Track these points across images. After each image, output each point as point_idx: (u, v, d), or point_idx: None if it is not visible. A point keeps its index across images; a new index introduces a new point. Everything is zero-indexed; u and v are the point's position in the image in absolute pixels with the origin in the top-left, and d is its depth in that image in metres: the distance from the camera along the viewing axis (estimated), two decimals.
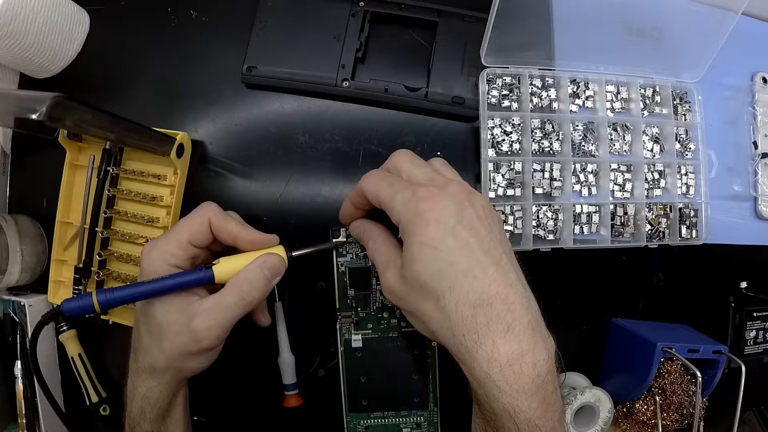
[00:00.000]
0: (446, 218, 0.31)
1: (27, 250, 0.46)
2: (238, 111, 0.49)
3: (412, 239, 0.32)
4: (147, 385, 0.36)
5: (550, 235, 0.48)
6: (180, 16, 0.50)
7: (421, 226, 0.31)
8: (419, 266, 0.32)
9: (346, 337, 0.45)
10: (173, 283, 0.35)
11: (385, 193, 0.34)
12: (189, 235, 0.37)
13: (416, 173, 0.35)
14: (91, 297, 0.34)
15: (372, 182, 0.36)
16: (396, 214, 0.33)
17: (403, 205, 0.33)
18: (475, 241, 0.31)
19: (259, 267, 0.36)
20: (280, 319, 0.46)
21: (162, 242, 0.37)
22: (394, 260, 0.35)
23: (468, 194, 0.33)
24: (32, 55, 0.45)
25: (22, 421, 0.46)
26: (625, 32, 0.49)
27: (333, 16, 0.48)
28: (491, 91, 0.48)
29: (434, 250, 0.31)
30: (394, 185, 0.34)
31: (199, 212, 0.38)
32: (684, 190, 0.50)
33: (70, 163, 0.46)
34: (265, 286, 0.37)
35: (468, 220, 0.32)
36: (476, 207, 0.33)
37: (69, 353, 0.47)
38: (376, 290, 0.44)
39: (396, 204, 0.33)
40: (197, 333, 0.35)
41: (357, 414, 0.45)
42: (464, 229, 0.31)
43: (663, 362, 0.46)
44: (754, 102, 0.54)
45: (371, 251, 0.38)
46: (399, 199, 0.33)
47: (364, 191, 0.36)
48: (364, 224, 0.40)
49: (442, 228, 0.31)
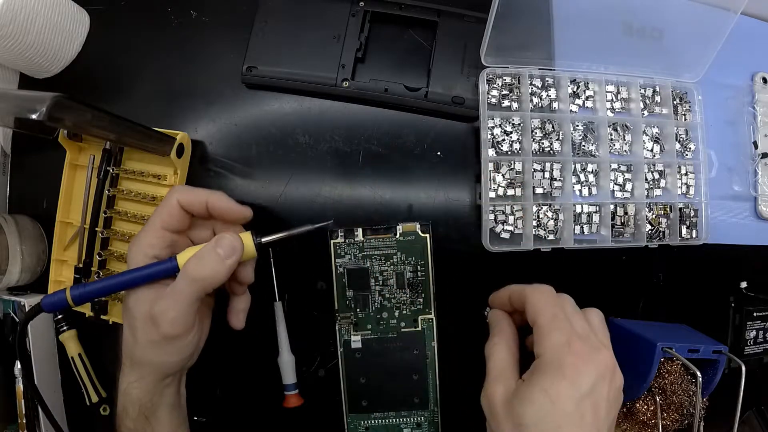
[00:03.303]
0: (581, 384, 0.32)
1: (27, 250, 0.46)
2: (238, 111, 0.49)
3: (540, 382, 0.32)
4: (128, 380, 0.36)
5: (551, 235, 0.48)
6: (180, 16, 0.50)
7: (556, 377, 0.32)
8: (530, 408, 0.32)
9: (345, 338, 0.45)
10: (139, 275, 0.35)
11: (545, 320, 0.35)
12: (162, 222, 0.37)
13: (576, 320, 0.36)
14: (65, 292, 0.35)
15: (541, 301, 0.36)
16: (542, 346, 0.34)
17: (554, 346, 0.33)
18: (590, 418, 0.32)
19: (211, 246, 0.36)
20: (280, 319, 0.46)
21: (140, 235, 0.37)
22: (508, 378, 0.35)
23: (612, 371, 0.34)
24: (32, 55, 0.45)
25: (22, 421, 0.46)
26: (625, 32, 0.49)
27: (333, 16, 0.48)
28: (491, 91, 0.48)
29: (552, 405, 0.31)
30: (557, 320, 0.35)
31: (166, 197, 0.38)
32: (684, 190, 0.50)
33: (70, 163, 0.46)
34: (218, 264, 0.35)
35: (598, 395, 0.33)
36: (611, 387, 0.34)
37: (69, 353, 0.47)
38: (375, 291, 0.44)
39: (549, 338, 0.34)
40: (155, 318, 0.35)
41: (357, 415, 0.45)
42: (590, 402, 0.32)
43: (663, 362, 0.46)
44: (754, 102, 0.54)
45: (490, 345, 0.38)
46: (554, 337, 0.34)
47: (527, 301, 0.37)
48: (501, 319, 0.40)
49: (573, 391, 0.32)
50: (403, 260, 0.45)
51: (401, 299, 0.45)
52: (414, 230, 0.45)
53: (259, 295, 0.42)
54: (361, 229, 0.45)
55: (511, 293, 0.40)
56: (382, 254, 0.45)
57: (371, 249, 0.45)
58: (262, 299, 0.43)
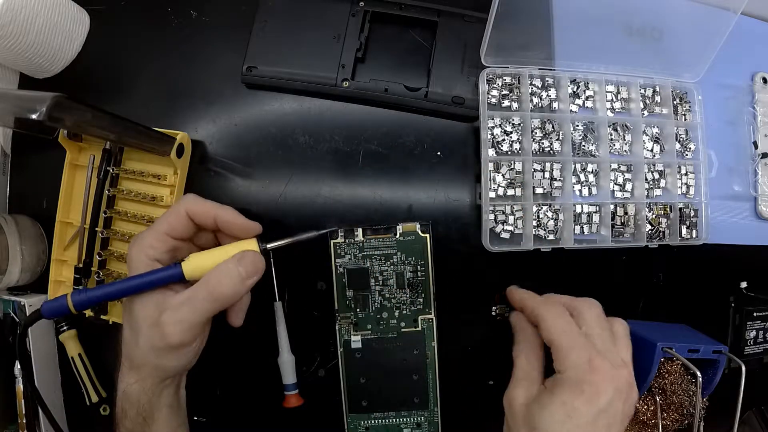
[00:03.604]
0: (599, 401, 0.33)
1: (27, 250, 0.46)
2: (238, 111, 0.49)
3: (560, 394, 0.34)
4: (126, 381, 0.36)
5: (551, 235, 0.48)
6: (180, 16, 0.50)
7: (575, 392, 0.34)
8: (547, 417, 0.34)
9: (345, 338, 0.45)
10: (142, 282, 0.35)
11: (560, 339, 0.36)
12: (168, 227, 0.37)
13: (597, 333, 0.37)
14: (66, 298, 0.35)
15: (552, 318, 0.37)
16: (562, 363, 0.35)
17: (575, 364, 0.35)
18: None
19: (234, 264, 0.36)
20: (280, 319, 0.46)
21: (143, 236, 0.37)
22: (531, 383, 0.37)
23: (629, 388, 0.35)
24: (32, 55, 0.45)
25: (22, 421, 0.46)
26: (625, 32, 0.49)
27: (333, 16, 0.48)
28: (491, 91, 0.48)
29: (568, 417, 0.33)
30: (573, 337, 0.36)
31: (176, 204, 0.38)
32: (684, 190, 0.50)
33: (70, 163, 0.46)
34: (239, 284, 0.36)
35: (613, 412, 0.34)
36: (627, 404, 0.35)
37: (69, 353, 0.47)
38: (375, 291, 0.44)
39: (568, 359, 0.35)
40: (164, 327, 0.34)
41: (357, 415, 0.45)
42: (604, 418, 0.33)
43: (663, 362, 0.46)
44: (754, 102, 0.54)
45: (517, 349, 0.40)
46: (575, 356, 0.35)
47: (538, 319, 0.38)
48: (524, 325, 0.41)
49: (590, 407, 0.33)
50: (403, 260, 0.45)
51: (401, 299, 0.45)
52: (414, 230, 0.45)
53: (258, 295, 0.42)
54: (361, 229, 0.45)
55: (524, 307, 0.41)
56: (382, 254, 0.45)
57: (371, 249, 0.45)
58: (261, 299, 0.43)
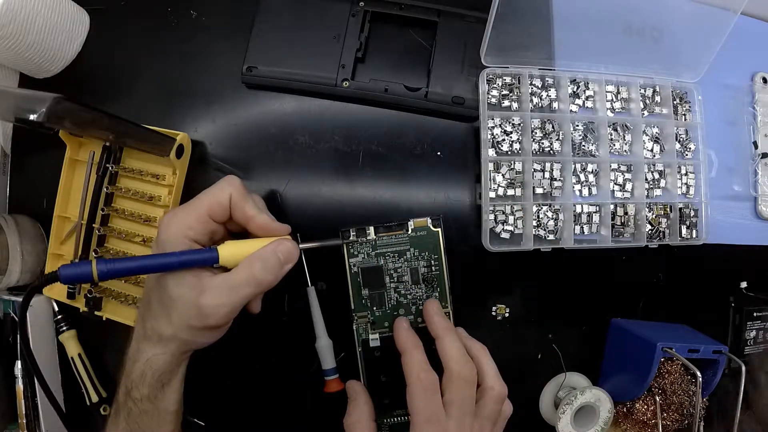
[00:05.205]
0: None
1: (27, 250, 0.46)
2: (238, 111, 0.49)
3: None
4: (152, 351, 0.36)
5: (551, 235, 0.48)
6: (180, 17, 0.50)
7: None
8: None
9: (363, 337, 0.44)
10: (177, 261, 0.34)
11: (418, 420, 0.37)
12: (209, 208, 0.36)
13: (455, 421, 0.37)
14: (91, 265, 0.33)
15: (408, 356, 0.38)
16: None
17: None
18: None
19: (272, 250, 0.36)
20: (314, 304, 0.45)
21: (182, 214, 0.36)
22: None
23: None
24: (32, 55, 0.45)
25: (22, 421, 0.46)
26: (625, 32, 0.49)
27: (333, 16, 0.48)
28: (491, 91, 0.48)
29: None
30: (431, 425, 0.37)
31: (221, 185, 0.37)
32: (684, 190, 0.50)
33: (70, 158, 0.46)
34: (278, 269, 0.37)
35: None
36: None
37: (69, 353, 0.47)
38: (390, 288, 0.44)
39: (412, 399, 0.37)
40: (204, 309, 0.34)
41: (380, 413, 0.45)
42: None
43: (663, 362, 0.46)
44: (754, 102, 0.54)
45: (350, 421, 0.40)
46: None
47: (397, 343, 0.40)
48: (360, 393, 0.42)
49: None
50: (417, 256, 0.45)
51: (417, 295, 0.45)
52: (425, 225, 0.45)
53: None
54: (373, 227, 0.45)
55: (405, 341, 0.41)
56: (395, 251, 0.45)
57: (384, 246, 0.45)
58: (269, 294, 0.43)
